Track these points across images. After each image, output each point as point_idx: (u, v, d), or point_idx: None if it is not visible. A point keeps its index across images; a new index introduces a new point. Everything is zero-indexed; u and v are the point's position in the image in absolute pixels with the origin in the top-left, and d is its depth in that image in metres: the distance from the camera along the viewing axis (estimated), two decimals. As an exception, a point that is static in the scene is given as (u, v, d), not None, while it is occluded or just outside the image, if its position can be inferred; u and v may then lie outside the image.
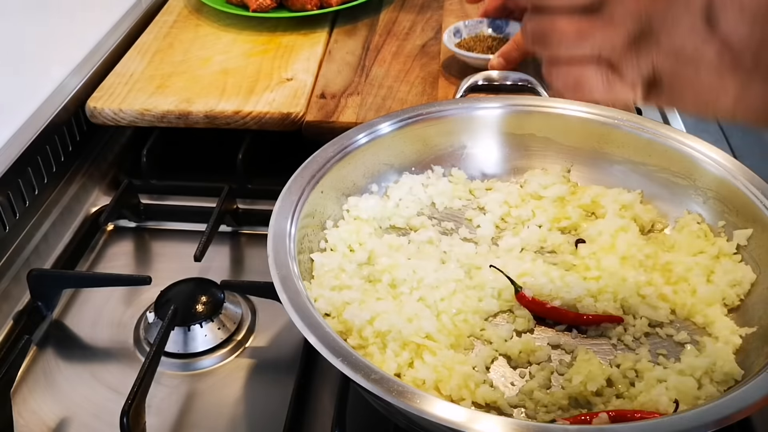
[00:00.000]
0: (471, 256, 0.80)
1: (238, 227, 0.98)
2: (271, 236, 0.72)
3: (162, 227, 1.00)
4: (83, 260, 0.94)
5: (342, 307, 0.71)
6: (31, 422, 0.73)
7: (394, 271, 0.76)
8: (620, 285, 0.76)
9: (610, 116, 0.89)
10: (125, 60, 1.16)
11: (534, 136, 0.92)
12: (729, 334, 0.71)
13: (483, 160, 0.93)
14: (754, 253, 0.77)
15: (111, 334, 0.83)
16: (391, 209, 0.86)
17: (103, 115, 1.04)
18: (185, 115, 1.03)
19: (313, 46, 1.21)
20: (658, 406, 0.64)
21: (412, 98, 1.08)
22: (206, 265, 0.90)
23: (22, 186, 0.93)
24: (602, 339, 0.74)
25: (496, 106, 0.92)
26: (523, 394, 0.68)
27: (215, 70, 1.13)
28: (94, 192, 1.04)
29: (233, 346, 0.81)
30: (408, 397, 0.56)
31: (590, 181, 0.90)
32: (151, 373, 0.71)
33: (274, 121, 1.02)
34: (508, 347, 0.72)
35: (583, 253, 0.80)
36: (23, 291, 0.86)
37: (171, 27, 1.27)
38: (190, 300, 0.81)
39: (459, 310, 0.73)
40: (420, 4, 1.38)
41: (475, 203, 0.90)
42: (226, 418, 0.74)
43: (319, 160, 0.82)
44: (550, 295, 0.76)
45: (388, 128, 0.88)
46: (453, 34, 1.17)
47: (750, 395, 0.58)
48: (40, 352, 0.81)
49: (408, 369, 0.67)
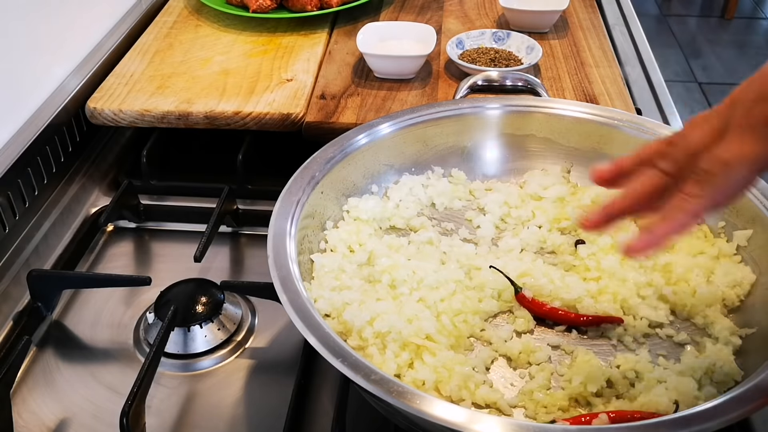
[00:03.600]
0: (471, 256, 0.80)
1: (238, 228, 0.98)
2: (271, 237, 0.72)
3: (162, 228, 1.00)
4: (83, 261, 0.94)
5: (342, 307, 0.71)
6: (31, 423, 0.73)
7: (394, 272, 0.76)
8: (620, 286, 0.76)
9: (610, 117, 0.89)
10: (125, 61, 1.16)
11: (534, 136, 0.92)
12: (729, 335, 0.71)
13: (483, 160, 0.93)
14: (754, 253, 0.77)
15: (111, 335, 0.83)
16: (391, 210, 0.86)
17: (103, 115, 1.04)
18: (185, 116, 1.03)
19: (313, 47, 1.21)
20: (658, 407, 0.64)
21: (411, 99, 1.08)
22: (206, 265, 0.90)
23: (22, 186, 0.93)
24: (602, 340, 0.74)
25: (496, 106, 0.92)
26: (523, 395, 0.68)
27: (215, 71, 1.13)
28: (94, 192, 1.04)
29: (233, 347, 0.81)
30: (408, 398, 0.56)
31: (590, 181, 0.90)
32: (150, 373, 0.71)
33: (274, 121, 1.02)
34: (508, 348, 0.72)
35: (583, 253, 0.80)
36: (23, 291, 0.86)
37: (171, 27, 1.27)
38: (190, 300, 0.81)
39: (459, 311, 0.73)
40: (420, 5, 1.38)
41: (475, 204, 0.90)
42: (226, 419, 0.74)
43: (319, 160, 0.82)
44: (550, 295, 0.76)
45: (388, 129, 0.88)
46: (456, 45, 1.18)
47: (750, 395, 0.58)
48: (39, 352, 0.81)
49: (408, 370, 0.67)
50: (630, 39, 1.30)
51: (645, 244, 0.57)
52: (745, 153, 0.53)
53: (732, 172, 0.54)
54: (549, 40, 1.23)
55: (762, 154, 0.53)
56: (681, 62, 3.67)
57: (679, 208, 0.56)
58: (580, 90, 1.09)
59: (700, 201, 0.56)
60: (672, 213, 0.57)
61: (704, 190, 0.55)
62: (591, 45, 1.22)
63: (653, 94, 1.17)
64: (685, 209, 0.56)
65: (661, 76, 1.21)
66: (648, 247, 0.58)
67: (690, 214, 0.56)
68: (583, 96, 1.07)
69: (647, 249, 0.58)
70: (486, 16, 1.34)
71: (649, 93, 1.17)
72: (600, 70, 1.14)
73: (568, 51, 1.20)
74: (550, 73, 1.13)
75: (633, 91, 1.14)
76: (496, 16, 1.33)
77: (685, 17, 4.24)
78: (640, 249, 0.58)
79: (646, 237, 0.57)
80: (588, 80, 1.11)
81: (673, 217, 0.57)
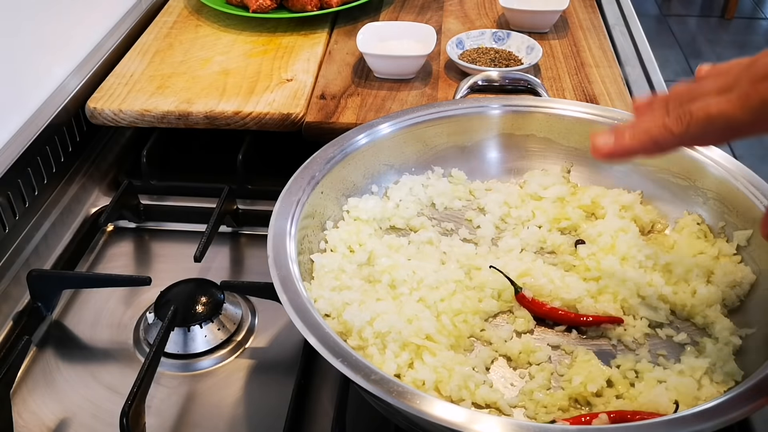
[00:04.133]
0: (471, 256, 0.80)
1: (238, 228, 0.98)
2: (271, 237, 0.72)
3: (162, 228, 1.00)
4: (83, 261, 0.94)
5: (342, 307, 0.71)
6: (31, 423, 0.73)
7: (394, 272, 0.76)
8: (620, 286, 0.76)
9: (610, 116, 0.89)
10: (125, 60, 1.16)
11: (534, 136, 0.92)
12: (729, 335, 0.71)
13: (483, 160, 0.93)
14: (754, 254, 0.77)
15: (111, 335, 0.83)
16: (391, 210, 0.86)
17: (103, 115, 1.04)
18: (185, 116, 1.03)
19: (313, 47, 1.21)
20: (658, 407, 0.64)
21: (411, 99, 1.08)
22: (206, 265, 0.90)
23: (22, 186, 0.93)
24: (602, 340, 0.74)
25: (496, 106, 0.92)
26: (523, 395, 0.68)
27: (215, 71, 1.13)
28: (94, 192, 1.04)
29: (233, 347, 0.81)
30: (408, 398, 0.56)
31: (590, 181, 0.90)
32: (150, 373, 0.71)
33: (274, 121, 1.02)
34: (508, 348, 0.72)
35: (583, 253, 0.80)
36: (23, 291, 0.86)
37: (171, 27, 1.27)
38: (190, 300, 0.81)
39: (459, 311, 0.73)
40: (420, 5, 1.38)
41: (474, 204, 0.90)
42: (226, 419, 0.74)
43: (319, 160, 0.82)
44: (550, 295, 0.76)
45: (388, 129, 0.88)
46: (456, 45, 1.18)
47: (750, 395, 0.58)
48: (39, 352, 0.81)
49: (408, 370, 0.67)
50: (630, 39, 1.30)
51: (606, 148, 0.61)
52: (730, 117, 0.56)
53: (710, 126, 0.57)
54: (549, 40, 1.23)
55: (744, 125, 0.56)
56: (681, 62, 3.67)
57: (646, 130, 0.60)
58: (580, 90, 1.09)
59: (667, 134, 0.58)
60: (640, 130, 0.60)
61: (678, 127, 0.58)
62: (591, 45, 1.22)
63: (653, 94, 1.17)
64: (652, 133, 0.59)
65: (660, 76, 1.21)
66: (606, 151, 0.62)
67: (653, 139, 0.59)
68: (583, 96, 1.07)
69: (605, 153, 0.62)
70: (486, 16, 1.34)
71: (649, 93, 1.17)
72: (600, 70, 1.14)
73: (568, 51, 1.20)
74: (550, 73, 1.13)
75: (633, 91, 1.14)
76: (496, 16, 1.33)
77: (685, 17, 4.25)
78: (599, 148, 0.62)
79: (609, 140, 0.61)
80: (588, 80, 1.11)
81: (637, 135, 0.60)
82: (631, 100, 1.07)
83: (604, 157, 0.62)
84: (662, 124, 0.58)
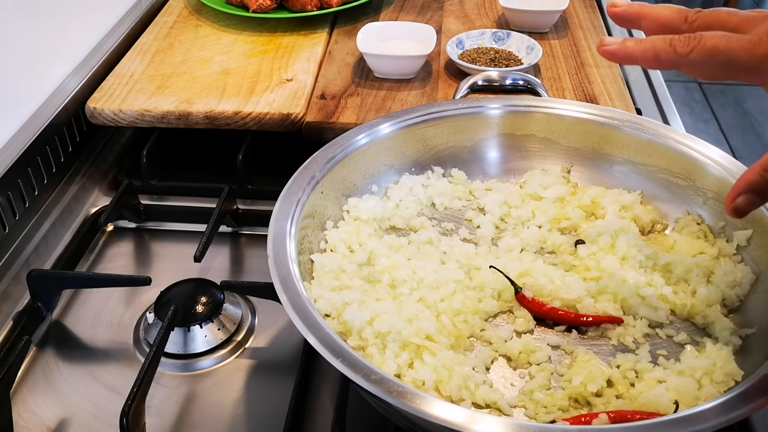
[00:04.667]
0: (471, 256, 0.80)
1: (238, 228, 0.98)
2: (271, 237, 0.72)
3: (162, 228, 1.00)
4: (83, 261, 0.94)
5: (342, 307, 0.71)
6: (31, 423, 0.73)
7: (394, 272, 0.76)
8: (620, 286, 0.76)
9: (610, 117, 0.89)
10: (125, 60, 1.16)
11: (534, 136, 0.92)
12: (729, 335, 0.71)
13: (483, 160, 0.93)
14: (754, 254, 0.77)
15: (111, 335, 0.83)
16: (391, 210, 0.86)
17: (103, 115, 1.04)
18: (185, 116, 1.03)
19: (313, 47, 1.21)
20: (658, 407, 0.64)
21: (411, 99, 1.08)
22: (206, 265, 0.91)
23: (22, 186, 0.93)
24: (602, 340, 0.74)
25: (496, 106, 0.92)
26: (523, 395, 0.68)
27: (215, 71, 1.13)
28: (94, 192, 1.04)
29: (233, 347, 0.81)
30: (408, 398, 0.56)
31: (590, 181, 0.90)
32: (150, 373, 0.71)
33: (274, 121, 1.02)
34: (508, 348, 0.72)
35: (583, 253, 0.80)
36: (23, 291, 0.86)
37: (171, 27, 1.27)
38: (190, 301, 0.81)
39: (459, 311, 0.73)
40: (420, 5, 1.38)
41: (474, 204, 0.90)
42: (226, 419, 0.74)
43: (319, 160, 0.82)
44: (550, 295, 0.76)
45: (388, 129, 0.88)
46: (455, 45, 1.18)
47: (750, 395, 0.58)
48: (39, 352, 0.81)
49: (408, 370, 0.67)
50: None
51: (611, 47, 0.63)
52: (734, 56, 0.58)
53: (712, 59, 0.59)
54: (549, 40, 1.23)
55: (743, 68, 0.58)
56: (681, 62, 3.66)
57: (652, 42, 0.61)
58: (580, 90, 1.09)
59: (671, 51, 0.60)
60: (647, 41, 0.62)
61: (682, 48, 0.59)
62: (591, 45, 1.22)
63: (653, 94, 1.17)
64: (656, 47, 0.61)
65: (660, 76, 1.21)
66: (610, 50, 0.63)
67: (655, 52, 0.61)
68: (583, 96, 1.07)
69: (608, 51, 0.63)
70: (486, 16, 1.34)
71: (649, 93, 1.17)
72: (600, 70, 1.14)
73: (568, 51, 1.20)
74: (550, 73, 1.13)
75: (633, 91, 1.14)
76: (496, 16, 1.33)
77: (685, 17, 4.24)
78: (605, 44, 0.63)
79: (617, 40, 0.63)
80: (588, 80, 1.11)
81: (643, 44, 0.62)
82: (631, 101, 1.07)
83: (606, 54, 0.63)
84: (669, 41, 0.60)
